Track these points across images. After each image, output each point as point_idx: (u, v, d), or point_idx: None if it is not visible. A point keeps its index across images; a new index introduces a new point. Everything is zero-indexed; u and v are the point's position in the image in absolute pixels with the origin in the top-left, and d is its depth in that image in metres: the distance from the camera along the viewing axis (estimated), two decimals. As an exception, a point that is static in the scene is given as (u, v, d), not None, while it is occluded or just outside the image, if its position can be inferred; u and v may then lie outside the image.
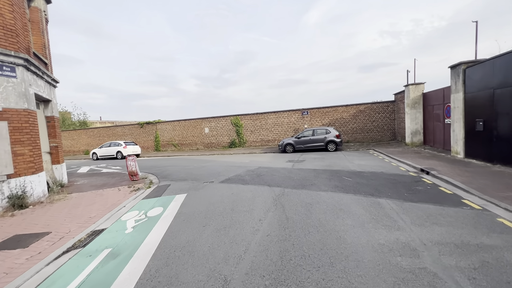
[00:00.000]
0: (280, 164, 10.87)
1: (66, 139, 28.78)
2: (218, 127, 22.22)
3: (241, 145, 21.46)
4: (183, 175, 9.71)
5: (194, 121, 23.08)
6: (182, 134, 23.61)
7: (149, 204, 5.99)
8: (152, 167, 12.93)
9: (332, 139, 14.88)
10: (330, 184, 6.73)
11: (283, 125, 20.23)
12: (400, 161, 9.73)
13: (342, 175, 7.87)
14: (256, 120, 20.98)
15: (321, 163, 10.42)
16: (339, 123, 18.79)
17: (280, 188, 6.64)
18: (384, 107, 17.79)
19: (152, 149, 24.79)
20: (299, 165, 10.27)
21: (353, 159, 11.20)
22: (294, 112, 19.90)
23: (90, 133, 27.61)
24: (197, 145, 23.10)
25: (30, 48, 7.02)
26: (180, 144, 23.76)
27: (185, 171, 10.55)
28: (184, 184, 8.03)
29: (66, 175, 9.42)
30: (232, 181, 7.83)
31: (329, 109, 19.00)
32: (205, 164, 12.42)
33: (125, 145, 20.00)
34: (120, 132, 26.11)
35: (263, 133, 20.87)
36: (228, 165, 11.44)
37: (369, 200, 5.21)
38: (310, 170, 8.96)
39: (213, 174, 9.31)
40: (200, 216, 4.87)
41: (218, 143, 22.29)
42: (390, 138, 17.81)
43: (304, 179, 7.52)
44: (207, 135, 22.62)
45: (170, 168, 11.81)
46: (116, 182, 9.11)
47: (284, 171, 9.14)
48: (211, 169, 10.72)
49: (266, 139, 20.82)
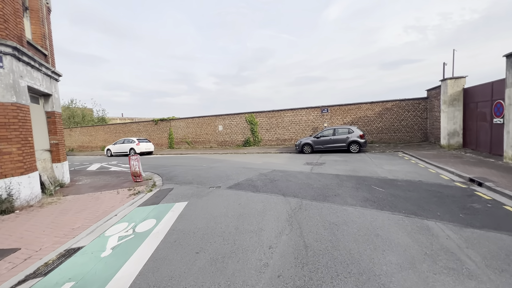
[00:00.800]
0: (296, 167, 9.74)
1: (85, 135, 29.28)
2: (232, 125, 21.36)
3: (255, 144, 20.46)
4: (190, 177, 8.87)
5: (208, 118, 22.37)
6: (195, 132, 23.02)
7: (142, 214, 5.15)
8: (160, 166, 12.27)
9: (355, 140, 13.47)
10: (358, 196, 5.54)
11: (301, 123, 18.97)
12: (440, 167, 8.26)
13: (371, 183, 6.62)
14: (272, 117, 19.87)
15: (344, 167, 9.16)
16: (362, 122, 17.23)
17: (297, 199, 5.55)
18: (415, 105, 16.01)
19: (166, 147, 24.46)
20: (318, 169, 9.09)
21: (381, 163, 9.82)
22: (313, 110, 18.56)
23: (107, 129, 27.83)
24: (210, 143, 22.40)
25: (23, 36, 6.41)
26: (193, 141, 23.19)
27: (193, 173, 9.72)
28: (188, 188, 7.16)
29: (68, 173, 8.90)
30: (241, 187, 6.85)
31: (352, 106, 17.48)
32: (215, 165, 11.55)
33: (138, 142, 19.68)
34: (135, 129, 26.05)
35: (279, 131, 19.73)
36: (240, 167, 10.48)
37: (414, 222, 4.00)
38: (332, 176, 7.76)
39: (221, 177, 8.38)
40: (196, 236, 3.91)
41: (232, 142, 21.45)
42: (421, 139, 16.02)
43: (325, 188, 6.37)
44: (221, 133, 21.84)
45: (178, 169, 11.06)
46: (118, 183, 8.45)
47: (301, 176, 8.02)
48: (221, 170, 9.81)
49: (282, 138, 19.67)
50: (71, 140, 30.25)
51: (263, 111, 20.18)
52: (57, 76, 8.47)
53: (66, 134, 30.54)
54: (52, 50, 8.48)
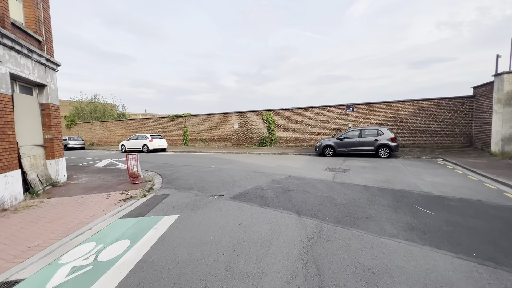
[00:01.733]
0: (316, 173, 8.37)
1: (104, 130, 29.68)
2: (248, 123, 20.24)
3: (272, 144, 19.19)
4: (192, 180, 7.84)
5: (223, 116, 21.43)
6: (210, 129, 22.19)
7: (119, 231, 4.13)
8: (167, 165, 11.43)
9: (385, 143, 11.77)
10: (398, 221, 4.13)
11: (322, 122, 17.40)
12: (500, 182, 6.52)
13: (413, 201, 5.14)
14: (291, 116, 18.47)
15: (374, 176, 7.66)
16: (393, 123, 15.33)
17: (315, 220, 4.26)
18: (457, 104, 13.86)
19: (180, 144, 23.93)
20: (342, 177, 7.67)
21: (419, 172, 8.17)
22: (336, 108, 16.92)
23: (125, 125, 27.93)
24: (225, 142, 21.47)
25: (5, 17, 5.67)
26: (208, 139, 22.40)
27: (198, 175, 8.70)
28: (186, 196, 6.10)
29: (64, 171, 8.23)
30: (248, 198, 5.66)
31: (381, 105, 15.62)
32: (225, 166, 10.47)
33: (151, 139, 19.20)
34: (151, 125, 25.81)
35: (297, 131, 18.30)
36: (251, 170, 9.30)
37: (499, 279, 2.57)
38: (360, 188, 6.34)
39: (227, 183, 7.25)
40: (169, 277, 2.78)
41: (248, 140, 20.34)
42: (463, 144, 13.85)
43: (352, 205, 5.00)
44: (236, 131, 20.81)
45: (184, 169, 10.11)
46: (114, 184, 7.62)
47: (321, 185, 6.67)
48: (229, 174, 8.69)
49: (301, 139, 18.22)
50: (92, 134, 30.84)
51: (281, 108, 18.83)
52: (54, 65, 7.79)
53: (87, 129, 31.24)
54: (50, 37, 7.81)
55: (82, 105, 33.93)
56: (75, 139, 25.50)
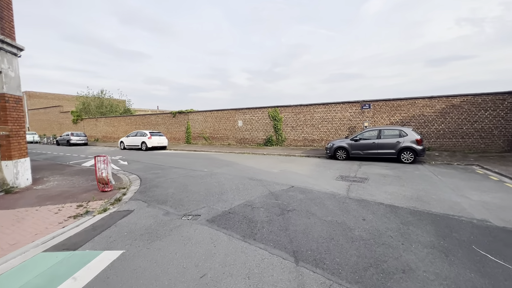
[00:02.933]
0: (326, 183, 6.79)
1: (108, 126, 29.01)
2: (253, 120, 18.74)
3: (278, 143, 17.61)
4: (173, 189, 6.44)
5: (227, 112, 20.02)
6: (213, 126, 20.85)
7: (22, 279, 2.76)
8: (157, 167, 10.13)
9: (409, 146, 9.97)
10: (456, 279, 2.52)
11: (334, 121, 15.64)
12: None
13: (467, 236, 3.50)
14: (299, 113, 16.81)
15: (400, 190, 5.99)
16: (416, 122, 13.40)
17: (321, 275, 2.71)
18: (496, 102, 11.79)
19: (183, 141, 22.75)
20: (359, 190, 6.04)
21: (459, 185, 6.41)
22: (351, 105, 15.11)
23: (128, 121, 27.09)
24: (228, 140, 20.07)
25: None
26: (211, 137, 21.07)
27: (182, 182, 7.31)
28: (153, 214, 4.69)
29: (27, 173, 7.05)
30: (229, 223, 4.17)
31: (403, 102, 13.70)
32: (219, 170, 9.04)
33: (150, 136, 18.04)
34: (154, 121, 24.79)
35: (306, 130, 16.62)
36: (248, 176, 7.82)
37: None
38: (384, 209, 4.71)
39: (212, 195, 5.80)
40: None
41: (252, 139, 18.84)
42: (502, 148, 11.79)
43: (378, 242, 3.41)
44: (240, 129, 19.36)
45: (171, 173, 8.76)
46: (80, 192, 6.33)
47: (332, 203, 5.09)
48: (220, 181, 7.24)
49: (310, 138, 16.54)
50: (97, 130, 30.29)
51: (289, 105, 17.20)
52: (13, 49, 6.57)
53: (92, 124, 30.72)
54: (8, 15, 6.58)
55: (88, 100, 33.47)
56: (78, 134, 24.86)
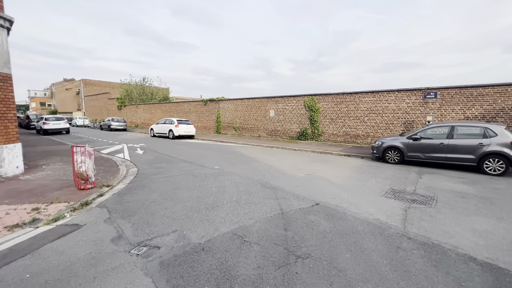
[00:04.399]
0: (369, 202, 4.64)
1: (147, 113, 29.74)
2: (286, 110, 16.64)
3: (314, 137, 15.29)
4: (156, 194, 5.01)
5: (259, 101, 18.24)
6: (244, 116, 19.32)
7: None
8: (166, 159, 8.97)
9: (499, 151, 7.01)
10: None
11: (386, 113, 12.71)
12: None
13: None
14: (341, 103, 14.17)
15: (496, 227, 3.56)
16: (507, 118, 9.87)
17: None
18: None
19: (213, 131, 21.80)
20: (423, 221, 3.79)
21: None
22: (409, 94, 11.99)
23: (163, 108, 27.26)
24: (259, 131, 18.36)
25: None
26: (240, 128, 19.62)
27: (177, 183, 5.86)
28: (100, 236, 3.27)
29: (18, 161, 6.36)
30: (191, 274, 2.48)
31: (487, 90, 10.19)
32: (231, 169, 7.42)
33: (177, 124, 17.33)
34: (187, 109, 24.32)
35: (349, 123, 13.96)
36: (260, 181, 6.03)
37: None
38: (479, 273, 2.49)
39: (197, 210, 4.18)
40: None
41: (285, 132, 16.82)
42: None
43: None
44: (272, 119, 17.45)
45: (174, 169, 7.44)
46: (56, 187, 5.32)
47: (377, 247, 3.02)
48: (221, 186, 5.60)
49: (353, 134, 13.87)
50: (137, 116, 31.40)
51: (329, 93, 14.63)
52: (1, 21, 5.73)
53: (133, 111, 31.92)
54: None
55: (131, 87, 34.92)
56: (118, 120, 25.82)
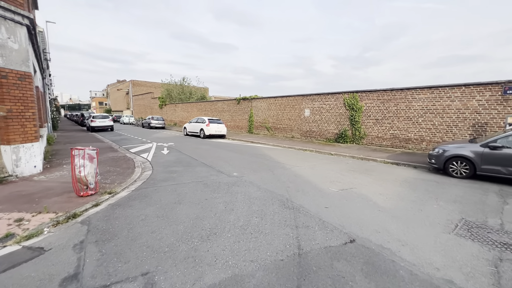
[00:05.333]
0: (428, 245, 3.21)
1: (184, 111, 30.50)
2: (323, 110, 15.05)
3: (355, 140, 13.47)
4: (152, 209, 4.25)
5: (293, 99, 16.92)
6: (277, 115, 18.19)
7: None
8: (184, 162, 8.38)
9: None
10: None
11: (447, 113, 10.41)
12: None
13: None
14: (389, 101, 12.15)
15: None
16: None
17: None
18: None
19: (245, 130, 21.12)
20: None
21: None
22: (482, 88, 9.56)
23: (199, 107, 27.55)
24: (292, 132, 17.06)
25: None
26: (273, 128, 18.54)
27: (182, 194, 5.07)
28: (56, 271, 2.54)
29: (36, 160, 6.27)
30: None
31: None
32: (250, 177, 6.43)
33: (208, 123, 16.99)
34: (220, 108, 24.09)
35: (398, 124, 11.89)
36: (281, 197, 4.92)
37: None
38: None
39: (186, 240, 3.27)
40: None
41: (321, 133, 15.25)
42: None
43: None
44: (307, 119, 16.00)
45: (186, 175, 6.73)
46: (57, 192, 4.95)
47: None
48: (229, 203, 4.63)
49: (403, 137, 11.77)
50: (175, 115, 32.49)
51: (374, 90, 12.68)
52: (15, 16, 5.60)
53: (172, 109, 33.10)
54: (11, -25, 5.60)
55: (171, 87, 36.34)
56: (157, 118, 26.90)
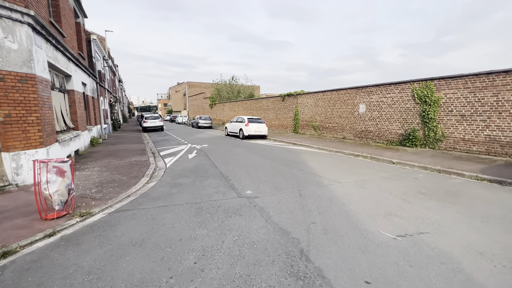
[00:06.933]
0: None
1: (231, 110, 30.21)
2: (384, 104, 12.09)
3: (428, 144, 10.27)
4: (89, 262, 2.99)
5: (344, 93, 14.26)
6: (325, 113, 15.74)
7: None
8: (200, 171, 7.17)
9: None
10: None
11: None
12: None
13: None
14: (484, 89, 8.69)
15: None
16: None
17: None
18: None
19: (290, 130, 19.20)
20: None
21: None
22: None
23: (244, 105, 26.71)
24: (344, 132, 14.42)
25: None
26: (321, 127, 16.14)
27: (159, 230, 3.73)
28: None
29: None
30: None
31: None
32: (266, 201, 4.73)
33: (248, 122, 15.75)
34: (265, 106, 22.66)
35: (499, 122, 8.37)
36: (298, 244, 3.11)
37: None
38: None
39: None
40: None
41: (380, 134, 12.32)
42: None
43: None
44: (362, 116, 13.20)
45: (189, 192, 5.41)
46: (33, 210, 4.20)
47: None
48: (218, 248, 3.04)
49: (504, 141, 8.23)
50: (223, 114, 32.56)
51: (459, 75, 9.29)
52: (12, 14, 5.17)
53: (220, 109, 33.29)
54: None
55: (220, 86, 36.68)
56: (205, 118, 27.18)
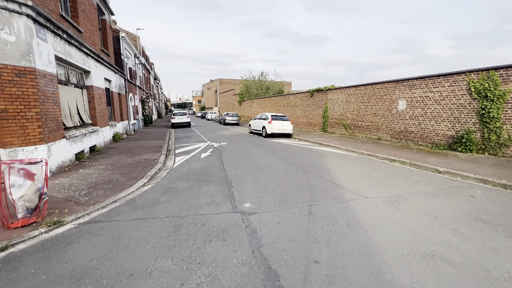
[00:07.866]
0: None
1: (259, 107, 29.42)
2: (429, 100, 10.17)
3: (488, 149, 8.27)
4: None
5: (381, 87, 12.45)
6: (358, 110, 14.03)
7: None
8: (203, 175, 6.44)
9: None
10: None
11: None
12: None
13: None
14: None
15: None
16: None
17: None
18: None
19: (319, 128, 17.73)
20: None
21: None
22: None
23: (272, 102, 25.68)
24: (379, 132, 12.64)
25: None
26: (352, 125, 14.46)
27: (110, 257, 3.00)
28: None
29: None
30: None
31: None
32: (265, 220, 3.76)
33: (271, 119, 14.78)
34: (292, 102, 21.38)
35: None
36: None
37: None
38: None
39: None
40: None
41: (424, 135, 10.42)
42: None
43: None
44: (401, 114, 11.34)
45: (179, 200, 4.66)
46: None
47: None
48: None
49: None
50: (251, 111, 31.91)
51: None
52: (8, 4, 4.93)
53: (249, 105, 32.72)
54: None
55: (249, 82, 36.03)
56: (232, 115, 26.86)
